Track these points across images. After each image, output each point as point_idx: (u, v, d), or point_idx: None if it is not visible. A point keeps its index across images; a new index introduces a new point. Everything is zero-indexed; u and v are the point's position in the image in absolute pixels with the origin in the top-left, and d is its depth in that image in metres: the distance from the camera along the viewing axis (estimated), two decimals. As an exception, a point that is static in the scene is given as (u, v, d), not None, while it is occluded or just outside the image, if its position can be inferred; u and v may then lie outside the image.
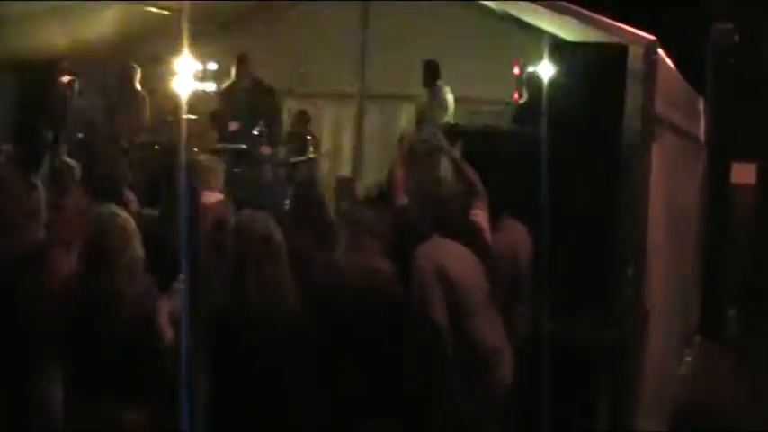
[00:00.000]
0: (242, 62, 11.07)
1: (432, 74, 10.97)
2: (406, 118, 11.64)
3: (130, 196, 7.37)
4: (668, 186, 7.38)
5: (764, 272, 12.00)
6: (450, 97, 10.89)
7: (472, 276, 5.51)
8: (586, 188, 6.37)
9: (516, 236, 6.67)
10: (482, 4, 10.28)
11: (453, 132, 9.30)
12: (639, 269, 6.47)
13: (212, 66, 11.55)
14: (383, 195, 10.14)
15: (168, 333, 4.65)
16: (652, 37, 6.58)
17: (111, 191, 6.86)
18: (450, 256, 5.44)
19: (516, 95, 10.34)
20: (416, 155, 7.14)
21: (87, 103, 11.43)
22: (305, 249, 5.54)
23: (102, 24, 11.33)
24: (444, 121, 10.60)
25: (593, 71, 6.35)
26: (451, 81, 11.23)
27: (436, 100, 10.89)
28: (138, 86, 11.37)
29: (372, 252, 5.35)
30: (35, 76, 11.25)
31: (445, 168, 7.26)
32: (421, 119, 10.90)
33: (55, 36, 10.92)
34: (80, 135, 11.07)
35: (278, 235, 4.88)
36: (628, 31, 6.74)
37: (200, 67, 11.47)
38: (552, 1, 7.21)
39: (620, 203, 6.47)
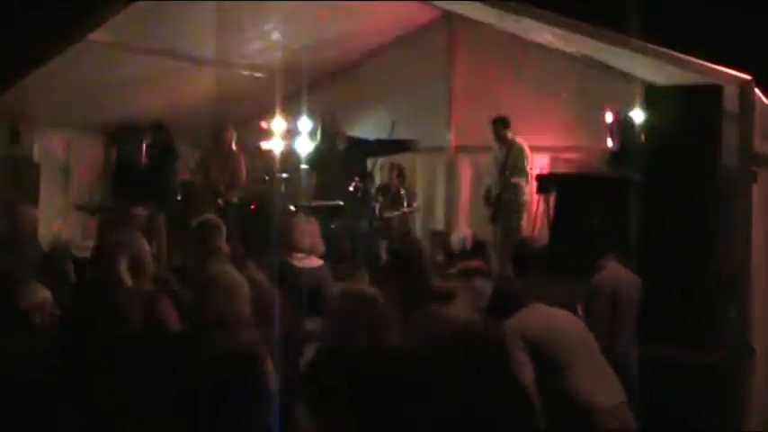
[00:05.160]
0: (329, 121, 11.22)
1: (502, 129, 11.01)
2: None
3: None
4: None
5: None
6: (525, 147, 10.92)
7: (567, 340, 5.49)
8: (685, 229, 6.33)
9: (617, 276, 6.71)
10: (571, 51, 10.27)
11: (547, 180, 9.35)
12: (743, 308, 6.41)
13: (304, 124, 11.74)
14: (479, 247, 10.25)
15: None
16: (747, 76, 6.53)
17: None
18: (540, 324, 5.46)
19: (610, 141, 10.30)
20: None
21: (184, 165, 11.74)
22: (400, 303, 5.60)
23: (196, 87, 11.62)
24: (525, 172, 10.67)
25: (689, 113, 6.33)
26: (542, 129, 11.25)
27: (511, 153, 10.91)
28: (234, 146, 11.58)
29: (468, 308, 5.38)
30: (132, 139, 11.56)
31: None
32: (501, 171, 10.93)
33: (150, 99, 11.27)
34: (178, 197, 11.35)
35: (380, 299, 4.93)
36: (722, 71, 6.68)
37: (292, 125, 11.68)
38: (644, 44, 7.18)
39: (720, 245, 6.42)
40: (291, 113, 11.73)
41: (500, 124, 11.02)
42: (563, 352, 5.36)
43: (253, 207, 11.46)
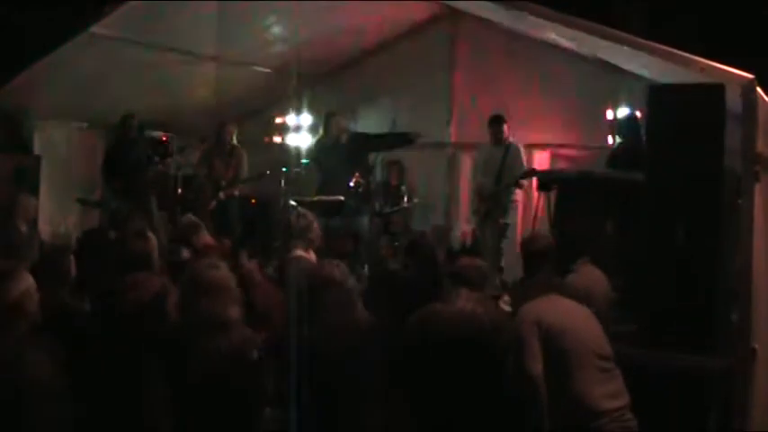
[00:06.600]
0: (330, 118, 11.16)
1: (499, 128, 10.90)
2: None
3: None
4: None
5: None
6: (520, 146, 10.89)
7: (581, 335, 5.46)
8: (688, 230, 6.31)
9: (591, 279, 6.69)
10: (573, 49, 10.24)
11: (548, 178, 9.30)
12: (745, 309, 6.38)
13: (306, 120, 11.73)
14: (478, 244, 10.21)
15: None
16: (749, 75, 6.50)
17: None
18: (557, 313, 5.42)
19: (611, 140, 10.29)
20: None
21: (185, 160, 11.73)
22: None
23: (198, 82, 11.61)
24: (521, 170, 10.63)
25: (692, 112, 6.31)
26: (544, 126, 11.25)
27: (509, 152, 10.86)
28: (235, 141, 11.56)
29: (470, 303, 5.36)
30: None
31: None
32: (498, 171, 10.86)
33: (152, 94, 11.24)
34: (179, 190, 11.34)
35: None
36: (724, 70, 6.65)
37: (294, 120, 11.67)
38: (646, 42, 7.15)
39: (722, 246, 6.40)
40: (293, 108, 11.73)
41: (496, 123, 10.93)
42: (575, 345, 5.31)
43: (253, 202, 11.45)
